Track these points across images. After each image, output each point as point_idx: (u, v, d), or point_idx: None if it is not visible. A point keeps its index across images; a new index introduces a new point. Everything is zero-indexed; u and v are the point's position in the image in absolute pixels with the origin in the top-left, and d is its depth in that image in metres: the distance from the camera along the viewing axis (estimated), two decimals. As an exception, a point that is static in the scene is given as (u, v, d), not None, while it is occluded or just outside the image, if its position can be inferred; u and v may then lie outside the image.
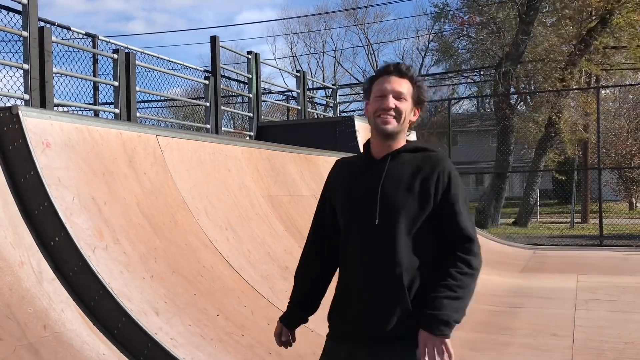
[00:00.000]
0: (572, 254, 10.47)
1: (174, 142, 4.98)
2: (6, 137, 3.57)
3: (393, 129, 1.95)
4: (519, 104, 23.68)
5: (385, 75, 1.98)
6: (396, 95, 1.95)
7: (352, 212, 1.98)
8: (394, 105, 1.93)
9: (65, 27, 7.55)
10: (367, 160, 2.03)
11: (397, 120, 1.94)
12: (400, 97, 1.95)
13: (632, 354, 4.37)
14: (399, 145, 2.00)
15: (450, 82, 27.70)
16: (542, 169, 18.59)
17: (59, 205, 3.44)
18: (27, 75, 5.08)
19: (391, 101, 1.94)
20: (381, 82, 1.98)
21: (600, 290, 6.77)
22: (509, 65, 17.15)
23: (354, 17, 40.27)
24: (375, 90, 1.99)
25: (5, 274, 3.08)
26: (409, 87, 1.98)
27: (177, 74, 9.41)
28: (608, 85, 18.64)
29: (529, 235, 14.66)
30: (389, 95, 1.95)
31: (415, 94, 1.99)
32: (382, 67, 2.02)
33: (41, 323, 3.02)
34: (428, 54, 36.07)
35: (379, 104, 1.95)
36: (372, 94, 2.00)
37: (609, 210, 16.33)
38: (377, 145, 2.01)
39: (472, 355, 4.42)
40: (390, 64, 2.00)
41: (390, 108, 1.93)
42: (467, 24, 20.35)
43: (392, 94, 1.95)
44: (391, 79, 1.97)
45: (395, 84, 1.96)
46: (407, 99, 1.97)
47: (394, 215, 1.89)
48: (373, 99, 1.98)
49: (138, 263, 3.71)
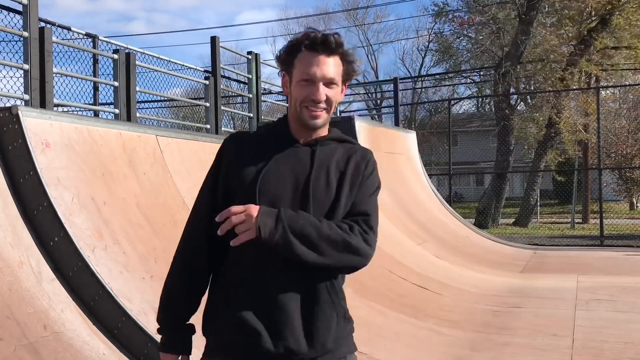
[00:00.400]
0: (573, 254, 10.46)
1: (173, 143, 4.98)
2: (6, 137, 3.57)
3: (322, 122, 1.67)
4: (519, 104, 23.69)
5: (313, 53, 1.63)
6: (327, 82, 1.64)
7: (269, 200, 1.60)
8: (325, 97, 1.63)
9: (66, 28, 7.55)
10: (289, 142, 1.69)
11: (327, 112, 1.67)
12: (332, 83, 1.65)
13: (632, 354, 4.36)
14: (325, 131, 1.73)
15: (450, 82, 27.69)
16: (543, 169, 18.59)
17: (58, 206, 3.44)
18: (27, 76, 5.08)
19: (322, 92, 1.63)
20: (308, 61, 1.63)
21: (600, 291, 6.76)
22: (509, 66, 17.16)
23: (354, 17, 40.28)
24: (300, 71, 1.64)
25: (4, 274, 3.07)
26: (339, 67, 1.67)
27: (177, 74, 9.41)
28: (608, 85, 18.64)
29: (530, 235, 14.66)
30: (319, 84, 1.63)
31: (345, 72, 1.69)
32: (307, 40, 1.64)
33: (41, 323, 3.02)
34: (428, 54, 36.07)
35: (306, 93, 1.63)
36: (296, 74, 1.65)
37: (609, 211, 16.32)
38: (299, 129, 1.69)
39: (472, 355, 4.42)
40: (317, 36, 1.63)
41: (321, 100, 1.63)
42: (467, 24, 20.37)
43: (322, 81, 1.63)
44: (320, 59, 1.62)
45: (325, 67, 1.63)
46: (337, 83, 1.67)
47: (327, 213, 1.62)
48: (298, 82, 1.64)
49: (138, 263, 3.71)
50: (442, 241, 9.15)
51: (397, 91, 13.47)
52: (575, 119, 17.31)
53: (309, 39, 1.64)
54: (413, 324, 5.13)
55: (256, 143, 1.72)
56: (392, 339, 4.68)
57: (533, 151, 19.26)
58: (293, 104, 1.68)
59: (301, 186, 1.64)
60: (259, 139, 1.74)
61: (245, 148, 1.72)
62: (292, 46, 1.67)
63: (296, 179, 1.64)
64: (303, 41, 1.65)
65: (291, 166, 1.66)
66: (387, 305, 5.48)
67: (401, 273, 6.60)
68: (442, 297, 6.20)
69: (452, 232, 10.12)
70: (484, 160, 29.10)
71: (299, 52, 1.65)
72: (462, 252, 9.01)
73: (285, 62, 1.69)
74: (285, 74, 1.71)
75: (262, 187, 1.62)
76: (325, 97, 1.64)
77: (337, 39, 1.65)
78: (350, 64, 1.70)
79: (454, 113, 32.73)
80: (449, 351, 4.46)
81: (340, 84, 1.69)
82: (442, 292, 6.38)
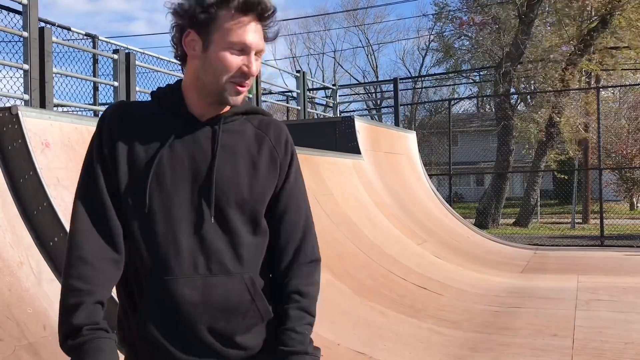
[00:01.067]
0: (573, 254, 10.46)
1: (173, 142, 4.98)
2: (6, 137, 3.57)
3: (243, 99, 1.41)
4: (519, 104, 23.70)
5: (242, 15, 1.33)
6: (257, 53, 1.37)
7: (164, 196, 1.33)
8: (257, 71, 1.39)
9: (66, 28, 7.55)
10: (185, 119, 1.38)
11: (248, 86, 1.40)
12: (259, 54, 1.38)
13: (632, 354, 4.36)
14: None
15: (450, 82, 27.70)
16: (543, 169, 18.59)
17: (58, 206, 3.44)
18: (27, 76, 5.08)
19: (255, 64, 1.36)
20: (240, 25, 1.32)
21: (600, 291, 6.76)
22: (509, 66, 17.16)
23: (354, 17, 40.29)
24: (230, 36, 1.32)
25: (4, 275, 3.07)
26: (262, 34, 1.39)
27: (177, 74, 9.41)
28: (608, 86, 18.64)
29: (530, 235, 14.66)
30: (252, 54, 1.35)
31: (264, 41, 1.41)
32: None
33: (41, 323, 3.02)
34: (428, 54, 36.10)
35: (237, 64, 1.34)
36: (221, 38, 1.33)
37: (609, 211, 16.33)
38: (200, 103, 1.39)
39: (472, 355, 4.41)
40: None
41: (255, 74, 1.38)
42: (466, 25, 20.37)
43: (255, 51, 1.36)
44: (253, 25, 1.35)
45: (259, 35, 1.36)
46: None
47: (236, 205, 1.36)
48: (224, 48, 1.33)
49: (138, 263, 3.71)
50: (442, 241, 9.15)
51: (397, 91, 13.47)
52: (576, 119, 17.31)
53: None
54: (413, 324, 5.13)
55: (141, 119, 1.39)
56: (392, 339, 4.68)
57: (533, 151, 19.28)
58: (214, 75, 1.34)
59: (201, 179, 1.35)
60: (150, 114, 1.40)
61: (125, 125, 1.37)
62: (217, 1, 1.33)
63: (195, 170, 1.35)
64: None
65: (188, 153, 1.35)
66: (387, 305, 5.48)
67: (401, 273, 6.60)
68: (442, 297, 6.20)
69: (452, 232, 10.12)
70: (484, 160, 29.12)
71: (223, 9, 1.32)
72: (462, 252, 9.00)
73: (199, 17, 1.33)
74: (193, 32, 1.35)
75: (153, 185, 1.33)
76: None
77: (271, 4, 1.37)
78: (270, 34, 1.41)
79: (454, 113, 32.78)
80: (449, 351, 4.46)
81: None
82: (442, 292, 6.38)
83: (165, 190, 1.34)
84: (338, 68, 42.89)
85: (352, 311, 4.99)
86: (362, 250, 6.54)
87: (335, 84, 19.40)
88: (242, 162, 1.38)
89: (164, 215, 1.34)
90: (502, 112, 17.89)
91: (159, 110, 1.40)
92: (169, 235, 1.33)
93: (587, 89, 16.98)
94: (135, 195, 1.34)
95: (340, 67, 43.42)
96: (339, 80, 39.22)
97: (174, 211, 1.34)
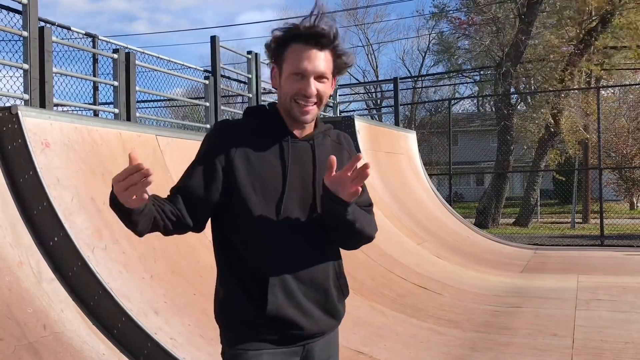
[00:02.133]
0: (573, 254, 10.46)
1: (173, 142, 4.98)
2: (5, 137, 3.57)
3: (312, 117, 1.65)
4: (519, 103, 23.69)
5: (304, 46, 1.59)
6: (318, 77, 1.61)
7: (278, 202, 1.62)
8: (316, 91, 1.60)
9: (66, 27, 7.55)
10: (286, 136, 1.67)
11: (318, 106, 1.64)
12: (323, 77, 1.62)
13: (632, 354, 4.36)
14: (312, 123, 1.71)
15: (450, 82, 27.70)
16: (543, 169, 18.59)
17: (58, 205, 3.44)
18: (27, 75, 5.07)
19: (313, 87, 1.60)
20: (299, 55, 1.59)
21: (600, 290, 6.76)
22: (509, 66, 17.16)
23: (354, 17, 40.28)
24: (291, 65, 1.60)
25: (4, 274, 3.07)
26: (330, 61, 1.63)
27: (177, 74, 9.41)
28: (608, 85, 18.63)
29: (530, 235, 14.66)
30: (310, 78, 1.59)
31: (336, 66, 1.66)
32: (299, 33, 1.59)
33: (41, 323, 3.02)
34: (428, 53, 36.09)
35: (297, 87, 1.60)
36: (287, 67, 1.61)
37: (609, 210, 16.33)
38: (291, 122, 1.67)
39: (472, 355, 4.41)
40: (308, 30, 1.58)
41: (313, 95, 1.60)
42: (466, 25, 20.37)
43: (313, 75, 1.60)
44: (311, 54, 1.59)
45: (317, 62, 1.59)
46: (328, 77, 1.64)
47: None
48: (289, 75, 1.61)
49: (137, 263, 3.71)
50: (442, 241, 9.15)
51: (397, 91, 13.46)
52: (575, 119, 17.31)
53: (302, 31, 1.59)
54: (413, 323, 5.13)
55: (250, 136, 1.65)
56: (392, 339, 4.68)
57: (533, 151, 19.28)
58: (284, 98, 1.64)
59: (310, 186, 1.66)
60: (254, 132, 1.67)
61: (239, 141, 1.63)
62: (284, 37, 1.61)
63: (302, 178, 1.65)
64: (294, 32, 1.60)
65: (298, 165, 1.65)
66: (387, 305, 5.48)
67: (401, 273, 6.60)
68: (442, 297, 6.20)
69: (452, 232, 10.12)
70: (484, 160, 29.12)
71: (291, 44, 1.60)
72: (462, 252, 9.00)
73: (276, 53, 1.64)
74: (275, 66, 1.66)
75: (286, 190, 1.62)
76: (317, 91, 1.61)
77: (329, 30, 1.59)
78: (341, 57, 1.65)
79: (454, 113, 32.77)
80: (449, 351, 4.46)
81: (330, 77, 1.65)
82: (442, 292, 6.38)
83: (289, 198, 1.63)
84: (338, 68, 42.78)
85: (352, 311, 4.98)
86: (362, 250, 6.53)
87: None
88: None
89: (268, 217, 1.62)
90: (502, 111, 17.88)
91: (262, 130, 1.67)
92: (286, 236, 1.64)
93: (587, 89, 16.97)
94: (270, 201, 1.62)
95: (340, 66, 43.32)
96: (339, 80, 39.15)
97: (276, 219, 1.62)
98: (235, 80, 13.46)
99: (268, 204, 1.61)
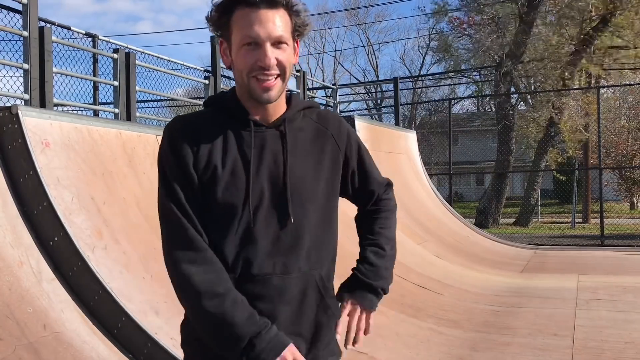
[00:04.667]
0: (573, 253, 10.46)
1: (173, 142, 4.97)
2: (6, 137, 3.57)
3: (277, 93, 1.37)
4: (519, 103, 23.70)
5: (252, 9, 1.32)
6: (275, 42, 1.33)
7: (244, 202, 1.36)
8: (275, 61, 1.33)
9: (66, 27, 7.55)
10: (249, 125, 1.40)
11: (281, 79, 1.36)
12: (281, 42, 1.34)
13: (632, 354, 4.36)
14: (282, 103, 1.43)
15: (450, 81, 27.70)
16: (543, 169, 18.59)
17: (58, 205, 3.44)
18: (27, 75, 5.07)
19: (271, 54, 1.32)
20: (247, 20, 1.32)
21: (600, 290, 6.76)
22: (510, 65, 17.15)
23: (355, 16, 40.28)
24: (240, 34, 1.33)
25: (4, 274, 3.07)
26: (287, 22, 1.36)
27: (178, 74, 9.40)
28: (608, 85, 18.63)
29: (530, 235, 14.66)
30: (266, 44, 1.32)
31: (295, 26, 1.39)
32: None
33: (41, 323, 3.02)
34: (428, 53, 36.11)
35: (252, 60, 1.33)
36: (235, 37, 1.34)
37: (609, 210, 16.33)
38: (254, 106, 1.40)
39: (472, 355, 4.41)
40: None
41: (271, 66, 1.33)
42: (466, 25, 20.37)
43: (269, 42, 1.32)
44: (261, 15, 1.31)
45: (270, 24, 1.32)
46: (288, 41, 1.36)
47: (309, 205, 1.41)
48: (240, 47, 1.34)
49: (138, 263, 3.71)
50: (442, 241, 9.15)
51: (398, 91, 13.47)
52: (576, 119, 17.31)
53: None
54: (413, 323, 5.13)
55: (212, 131, 1.39)
56: (392, 339, 4.68)
57: (533, 151, 19.27)
58: (239, 76, 1.37)
59: (280, 182, 1.39)
60: (215, 125, 1.40)
61: (202, 139, 1.37)
62: (226, 2, 1.34)
63: (271, 173, 1.38)
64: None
65: (267, 158, 1.39)
66: (387, 305, 5.48)
67: (401, 273, 6.60)
68: (442, 297, 6.20)
69: (452, 232, 10.12)
70: (484, 160, 29.11)
71: (235, 9, 1.34)
72: (463, 252, 9.00)
73: (220, 24, 1.37)
74: (223, 40, 1.39)
75: (252, 193, 1.36)
76: (276, 61, 1.34)
77: None
78: (299, 15, 1.39)
79: (454, 112, 32.77)
80: (449, 351, 4.46)
81: (291, 42, 1.38)
82: (442, 292, 6.38)
83: (255, 201, 1.37)
84: (338, 67, 42.90)
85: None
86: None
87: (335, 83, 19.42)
88: (309, 162, 1.43)
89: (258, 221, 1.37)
90: (502, 111, 17.88)
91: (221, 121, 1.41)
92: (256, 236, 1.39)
93: (587, 89, 16.96)
94: (233, 204, 1.35)
95: (340, 66, 43.47)
96: (339, 80, 39.22)
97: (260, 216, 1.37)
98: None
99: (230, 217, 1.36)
